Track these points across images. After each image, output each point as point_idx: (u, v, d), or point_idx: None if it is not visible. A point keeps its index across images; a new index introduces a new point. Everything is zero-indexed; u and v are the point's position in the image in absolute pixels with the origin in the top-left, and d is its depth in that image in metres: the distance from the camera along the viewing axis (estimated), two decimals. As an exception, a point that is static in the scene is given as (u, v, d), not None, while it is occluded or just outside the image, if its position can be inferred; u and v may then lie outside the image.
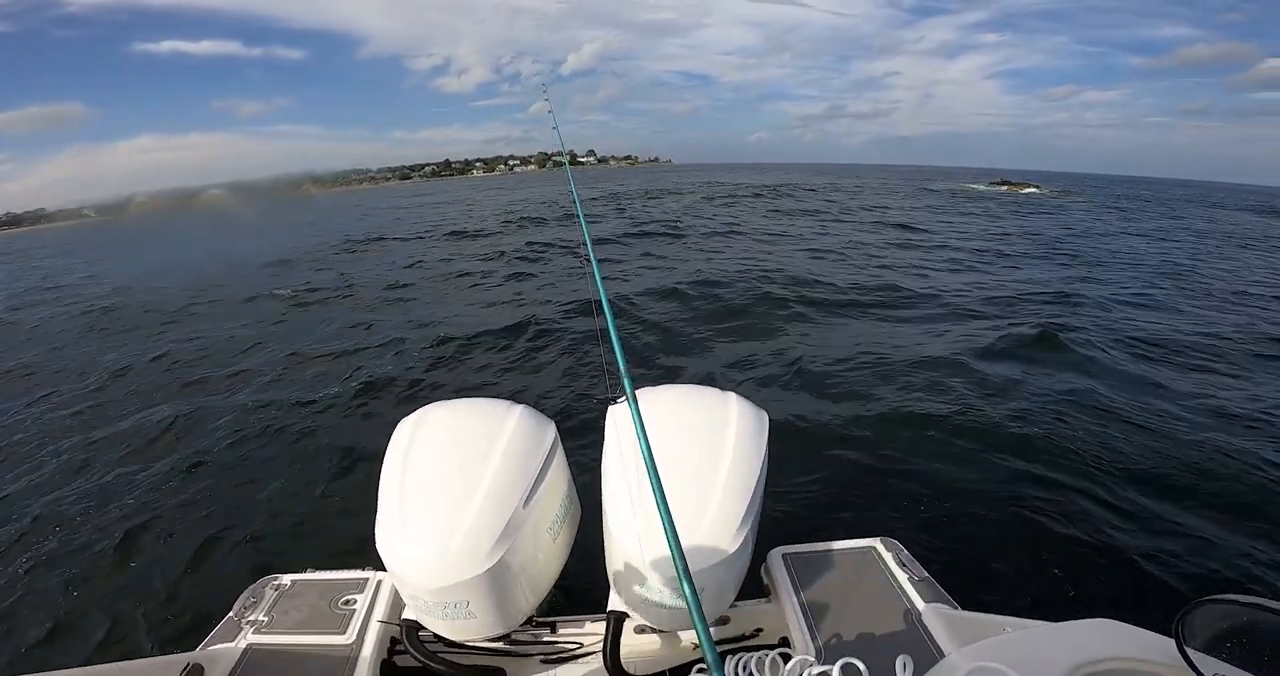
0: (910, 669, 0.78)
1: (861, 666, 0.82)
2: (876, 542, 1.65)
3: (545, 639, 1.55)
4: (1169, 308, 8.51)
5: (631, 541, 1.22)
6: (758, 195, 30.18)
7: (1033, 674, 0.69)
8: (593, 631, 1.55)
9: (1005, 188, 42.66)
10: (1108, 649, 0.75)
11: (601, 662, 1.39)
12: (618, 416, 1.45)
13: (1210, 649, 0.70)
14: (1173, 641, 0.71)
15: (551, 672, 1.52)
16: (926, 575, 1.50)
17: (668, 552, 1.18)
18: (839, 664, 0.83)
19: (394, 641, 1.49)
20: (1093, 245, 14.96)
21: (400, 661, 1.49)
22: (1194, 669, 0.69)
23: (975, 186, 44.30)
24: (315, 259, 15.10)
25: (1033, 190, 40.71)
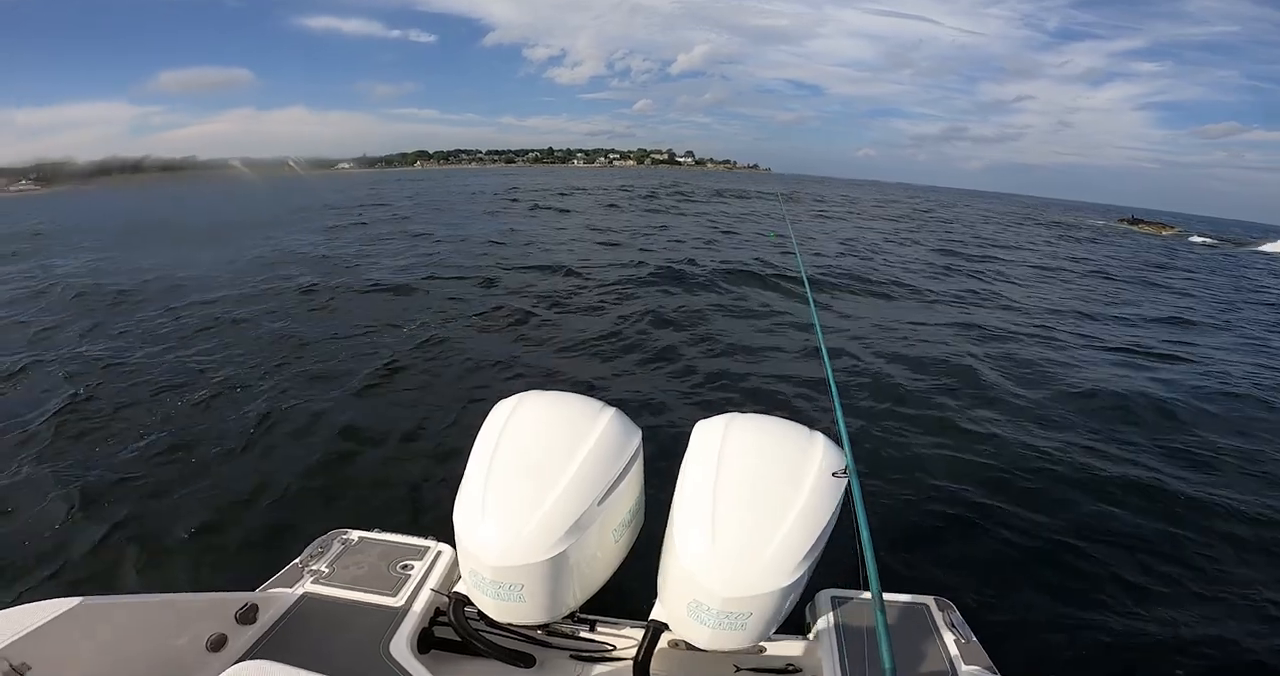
0: None
1: None
2: (930, 601, 1.59)
3: (581, 635, 1.59)
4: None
5: (690, 556, 1.24)
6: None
7: None
8: (629, 636, 1.56)
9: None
10: None
11: (631, 669, 1.41)
12: (703, 433, 1.48)
13: None
14: None
15: (580, 669, 1.55)
16: (974, 640, 1.45)
17: (724, 572, 1.19)
18: None
19: (438, 611, 1.56)
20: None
21: (439, 632, 1.56)
22: None
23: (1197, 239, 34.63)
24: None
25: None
